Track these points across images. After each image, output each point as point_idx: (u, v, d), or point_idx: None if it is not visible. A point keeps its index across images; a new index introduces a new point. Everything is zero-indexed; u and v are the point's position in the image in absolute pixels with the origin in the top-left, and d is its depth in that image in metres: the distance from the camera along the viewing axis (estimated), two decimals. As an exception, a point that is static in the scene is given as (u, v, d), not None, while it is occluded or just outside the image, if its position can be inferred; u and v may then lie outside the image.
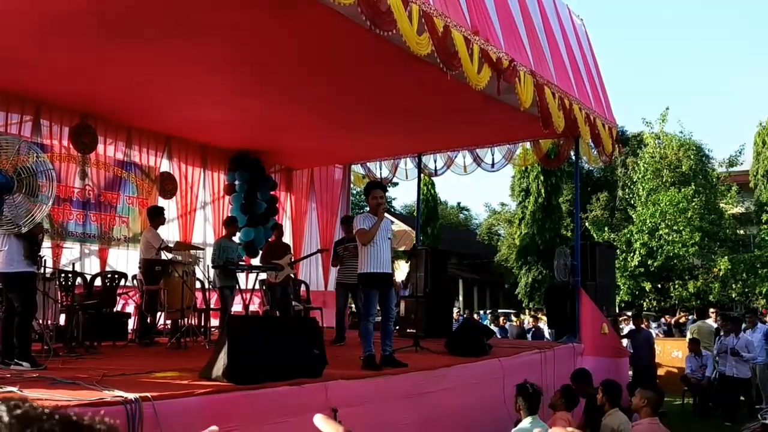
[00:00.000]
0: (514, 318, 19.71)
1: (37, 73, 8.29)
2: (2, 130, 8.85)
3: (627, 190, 27.24)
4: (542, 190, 28.70)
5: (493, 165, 12.30)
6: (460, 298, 33.54)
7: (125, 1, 6.29)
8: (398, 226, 7.82)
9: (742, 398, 11.16)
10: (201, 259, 9.50)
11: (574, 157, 11.55)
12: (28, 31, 6.88)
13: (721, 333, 11.39)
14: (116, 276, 9.14)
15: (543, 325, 15.87)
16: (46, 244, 8.78)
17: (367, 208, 7.05)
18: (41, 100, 9.40)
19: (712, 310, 14.80)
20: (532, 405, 5.54)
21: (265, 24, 6.82)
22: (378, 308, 7.01)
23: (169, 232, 11.01)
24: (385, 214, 7.15)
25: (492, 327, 14.09)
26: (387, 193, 7.44)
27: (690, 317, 16.97)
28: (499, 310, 24.33)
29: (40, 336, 6.92)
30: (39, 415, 0.69)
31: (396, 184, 17.45)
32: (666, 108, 30.67)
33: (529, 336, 15.34)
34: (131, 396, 3.97)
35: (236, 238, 10.73)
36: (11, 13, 6.49)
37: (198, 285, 9.56)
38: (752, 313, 13.57)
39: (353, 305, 10.63)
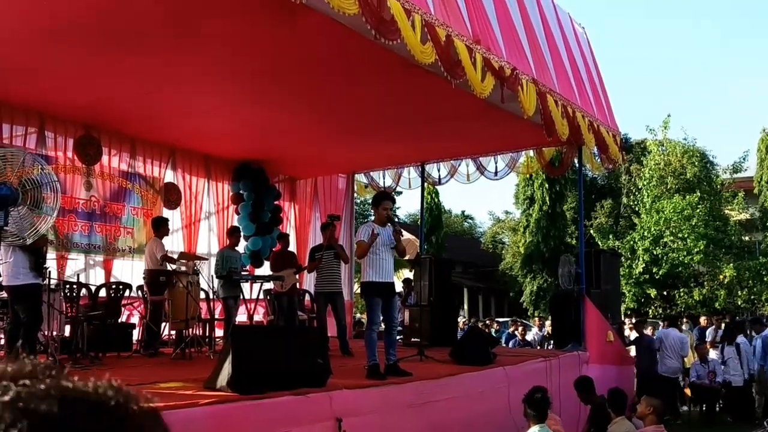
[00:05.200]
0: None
1: (41, 85, 8.34)
2: (7, 142, 8.89)
3: (632, 197, 27.20)
4: (546, 198, 28.67)
5: (496, 173, 12.31)
6: (465, 307, 33.49)
7: (128, 12, 6.33)
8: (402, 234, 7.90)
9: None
10: (199, 269, 9.49)
11: (577, 165, 11.55)
12: (32, 42, 6.93)
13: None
14: (121, 287, 9.16)
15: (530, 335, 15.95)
16: (51, 255, 8.81)
17: (372, 218, 7.09)
18: (45, 111, 9.45)
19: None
20: (540, 414, 5.52)
21: (267, 34, 6.86)
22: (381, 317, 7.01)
23: (174, 243, 11.03)
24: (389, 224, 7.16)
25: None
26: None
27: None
28: (499, 319, 24.22)
29: (45, 347, 6.94)
30: (33, 396, 0.61)
31: (400, 193, 17.47)
32: (668, 115, 30.63)
33: (510, 344, 15.18)
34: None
35: (239, 248, 10.73)
36: (15, 25, 6.54)
37: (202, 295, 9.57)
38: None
39: (357, 315, 10.66)
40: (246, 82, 8.37)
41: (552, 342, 13.80)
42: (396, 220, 7.27)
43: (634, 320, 15.42)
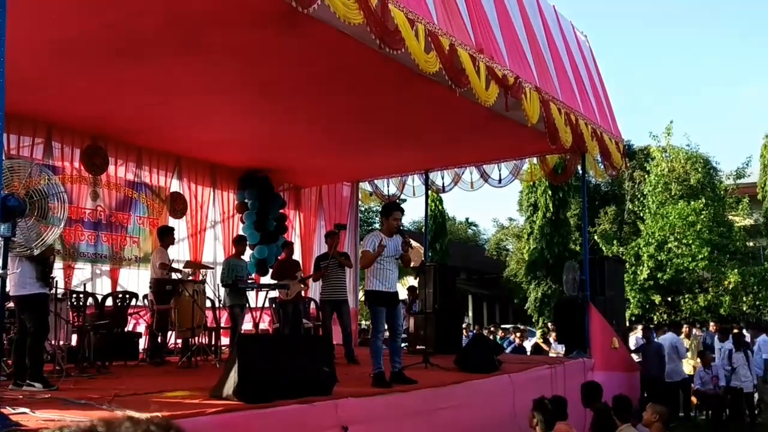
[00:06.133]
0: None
1: (48, 96, 8.40)
2: (14, 152, 8.95)
3: (636, 202, 27.18)
4: (550, 205, 28.65)
5: (500, 181, 12.34)
6: (470, 314, 33.45)
7: (134, 24, 6.39)
8: (412, 246, 7.95)
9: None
10: (204, 277, 9.54)
11: (581, 172, 11.57)
12: (40, 54, 6.98)
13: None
14: (127, 296, 9.20)
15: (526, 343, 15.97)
16: (58, 264, 8.85)
17: (377, 225, 7.11)
18: (52, 122, 9.51)
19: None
20: (549, 422, 5.54)
21: (272, 44, 6.90)
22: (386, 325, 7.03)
23: (180, 252, 11.08)
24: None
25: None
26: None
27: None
28: (503, 326, 24.17)
29: (52, 357, 6.98)
30: None
31: (404, 200, 17.51)
32: (671, 121, 30.63)
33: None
34: (142, 416, 4.00)
35: (245, 257, 10.77)
36: (23, 37, 6.59)
37: (208, 304, 9.61)
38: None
39: (363, 323, 10.67)
40: (252, 93, 8.42)
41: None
42: (402, 228, 7.24)
43: (640, 326, 15.37)
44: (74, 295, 8.35)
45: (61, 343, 7.36)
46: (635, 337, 13.95)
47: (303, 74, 7.76)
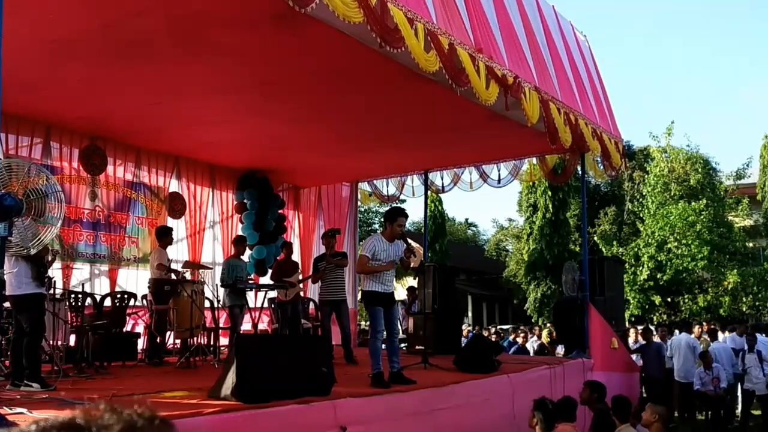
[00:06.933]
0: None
1: (47, 96, 8.39)
2: (13, 152, 8.94)
3: (636, 203, 27.17)
4: (550, 206, 28.65)
5: (499, 181, 12.33)
6: (469, 314, 33.44)
7: (133, 24, 6.38)
8: (415, 255, 7.97)
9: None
10: (204, 278, 9.53)
11: (580, 172, 11.56)
12: (38, 54, 6.97)
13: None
14: (126, 296, 9.18)
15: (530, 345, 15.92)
16: (57, 265, 8.82)
17: (379, 229, 7.11)
18: (51, 122, 9.49)
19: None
20: (549, 423, 5.52)
21: (271, 44, 6.89)
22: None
23: (179, 252, 11.06)
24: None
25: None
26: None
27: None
28: (501, 326, 24.16)
29: (50, 357, 6.96)
30: None
31: (403, 201, 17.50)
32: (671, 122, 30.65)
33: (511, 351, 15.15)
34: (126, 408, 3.98)
35: (245, 257, 10.75)
36: (21, 37, 6.58)
37: (207, 304, 9.59)
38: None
39: (362, 324, 10.67)
40: (250, 93, 8.40)
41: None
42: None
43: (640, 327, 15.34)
44: (73, 296, 8.33)
45: (59, 343, 7.34)
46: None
47: (303, 74, 7.74)
